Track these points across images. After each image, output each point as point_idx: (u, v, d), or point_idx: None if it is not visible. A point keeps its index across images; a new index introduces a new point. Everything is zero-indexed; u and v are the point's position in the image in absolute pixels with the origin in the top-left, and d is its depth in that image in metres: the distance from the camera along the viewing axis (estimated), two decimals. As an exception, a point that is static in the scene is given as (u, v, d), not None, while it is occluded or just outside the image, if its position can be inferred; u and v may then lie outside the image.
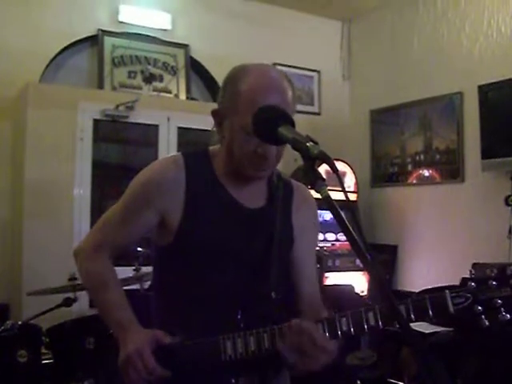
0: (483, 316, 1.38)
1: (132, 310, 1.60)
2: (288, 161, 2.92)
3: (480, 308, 1.38)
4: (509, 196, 4.43)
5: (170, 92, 5.12)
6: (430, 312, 1.38)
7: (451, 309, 1.38)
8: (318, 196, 1.22)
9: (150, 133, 4.77)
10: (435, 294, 1.39)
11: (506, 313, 1.36)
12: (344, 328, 1.42)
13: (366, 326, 1.41)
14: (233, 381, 1.52)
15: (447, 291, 1.39)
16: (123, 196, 1.65)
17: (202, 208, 1.57)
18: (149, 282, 3.36)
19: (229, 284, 1.56)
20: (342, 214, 1.15)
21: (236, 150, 1.54)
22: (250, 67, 1.57)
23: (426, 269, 5.19)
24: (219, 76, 4.97)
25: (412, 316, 1.38)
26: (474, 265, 4.26)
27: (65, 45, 4.74)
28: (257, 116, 1.40)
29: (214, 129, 1.63)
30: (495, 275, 1.39)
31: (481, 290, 1.39)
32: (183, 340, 1.51)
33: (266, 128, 1.37)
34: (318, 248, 4.77)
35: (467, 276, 1.38)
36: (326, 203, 1.16)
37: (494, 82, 4.56)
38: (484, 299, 1.38)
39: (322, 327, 1.43)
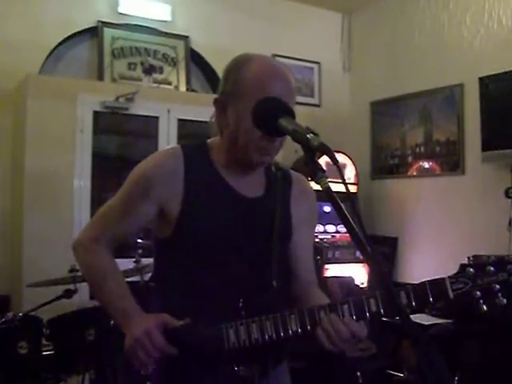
0: (481, 301, 1.39)
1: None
2: (288, 152, 2.93)
3: (478, 293, 1.39)
4: (509, 188, 4.42)
5: (169, 84, 5.11)
6: (430, 298, 1.39)
7: (451, 294, 1.39)
8: (318, 187, 1.22)
9: (149, 124, 4.76)
10: (435, 280, 1.40)
11: (503, 297, 1.38)
12: (346, 315, 1.43)
13: (368, 314, 1.42)
14: (235, 368, 1.53)
15: (447, 277, 1.40)
16: (121, 188, 1.65)
17: (200, 198, 1.57)
18: (149, 274, 3.36)
19: (230, 273, 1.56)
20: (342, 205, 1.15)
21: (242, 135, 1.53)
22: (253, 56, 1.58)
23: (426, 261, 5.20)
24: (219, 67, 4.96)
25: (413, 302, 1.39)
26: (474, 257, 4.26)
27: (65, 36, 4.73)
28: (257, 108, 1.40)
29: (213, 120, 1.63)
30: (493, 261, 1.41)
31: (479, 276, 1.40)
32: (189, 325, 1.51)
33: (266, 119, 1.37)
34: (318, 240, 4.78)
35: (466, 263, 1.40)
36: (327, 195, 1.16)
37: (495, 74, 4.54)
38: (482, 284, 1.39)
39: (324, 313, 1.44)
